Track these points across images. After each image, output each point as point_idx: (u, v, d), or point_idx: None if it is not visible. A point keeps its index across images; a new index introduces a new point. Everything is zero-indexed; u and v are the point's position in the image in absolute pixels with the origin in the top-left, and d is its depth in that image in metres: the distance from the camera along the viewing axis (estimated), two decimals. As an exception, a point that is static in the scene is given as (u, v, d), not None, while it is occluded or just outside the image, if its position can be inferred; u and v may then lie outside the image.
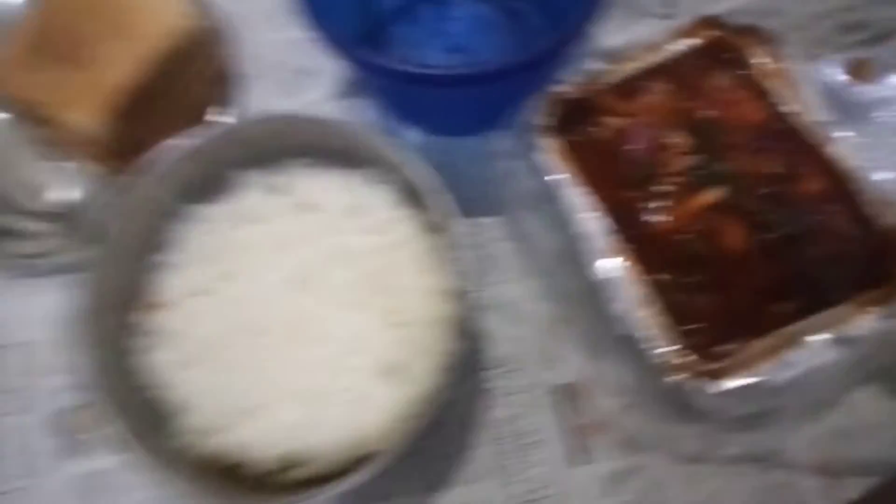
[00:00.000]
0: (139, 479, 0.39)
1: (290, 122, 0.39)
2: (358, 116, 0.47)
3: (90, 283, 0.35)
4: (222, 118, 0.45)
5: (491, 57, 0.47)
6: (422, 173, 0.36)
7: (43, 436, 0.40)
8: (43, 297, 0.43)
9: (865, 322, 0.32)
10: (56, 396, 0.41)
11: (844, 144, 0.36)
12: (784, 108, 0.37)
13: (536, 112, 0.37)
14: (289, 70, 0.48)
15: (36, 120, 0.41)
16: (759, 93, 0.38)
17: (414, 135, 0.46)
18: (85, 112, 0.39)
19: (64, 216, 0.44)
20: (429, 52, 0.47)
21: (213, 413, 0.36)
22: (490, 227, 0.43)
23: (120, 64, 0.40)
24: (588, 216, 0.35)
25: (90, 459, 0.40)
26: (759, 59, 0.39)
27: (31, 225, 0.44)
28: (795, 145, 0.36)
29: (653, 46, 0.40)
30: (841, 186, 0.35)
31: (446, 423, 0.34)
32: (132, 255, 0.38)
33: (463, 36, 0.48)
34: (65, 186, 0.45)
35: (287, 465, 0.35)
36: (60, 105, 0.39)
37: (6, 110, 0.42)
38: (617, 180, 0.36)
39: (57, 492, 0.39)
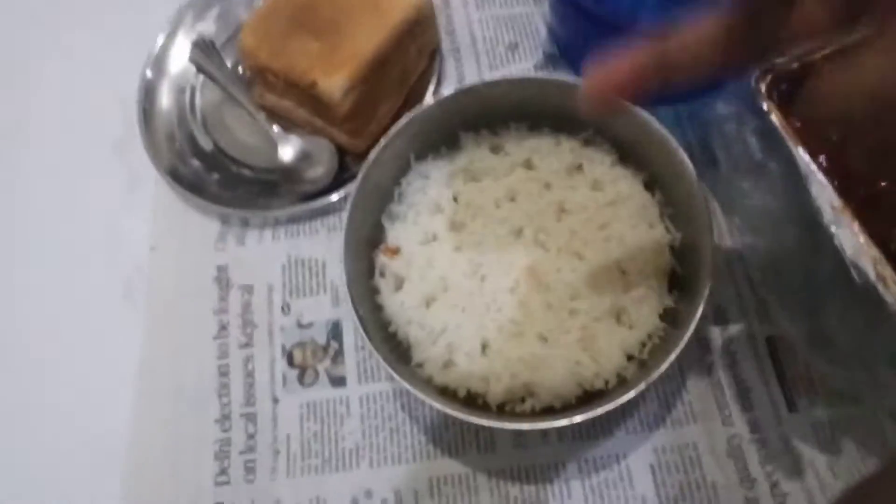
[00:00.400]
0: (354, 408, 0.44)
1: (520, 85, 0.42)
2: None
3: (347, 229, 0.40)
4: (437, 88, 0.49)
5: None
6: (656, 128, 0.39)
7: (281, 365, 0.45)
8: (277, 243, 0.48)
9: None
10: (290, 332, 0.46)
11: None
12: None
13: (759, 81, 0.39)
14: (493, 44, 0.52)
15: (286, 86, 0.46)
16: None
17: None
18: (334, 80, 0.43)
19: (287, 172, 0.49)
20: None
21: (449, 348, 0.39)
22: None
23: (366, 36, 0.44)
24: (815, 177, 0.37)
25: (314, 389, 0.44)
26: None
27: (262, 178, 0.50)
28: None
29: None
30: None
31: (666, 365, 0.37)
32: (375, 206, 0.43)
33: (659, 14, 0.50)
34: (288, 146, 0.49)
35: (518, 396, 0.39)
36: (313, 72, 0.44)
37: (258, 77, 0.48)
38: (840, 145, 0.38)
39: (290, 417, 0.43)
